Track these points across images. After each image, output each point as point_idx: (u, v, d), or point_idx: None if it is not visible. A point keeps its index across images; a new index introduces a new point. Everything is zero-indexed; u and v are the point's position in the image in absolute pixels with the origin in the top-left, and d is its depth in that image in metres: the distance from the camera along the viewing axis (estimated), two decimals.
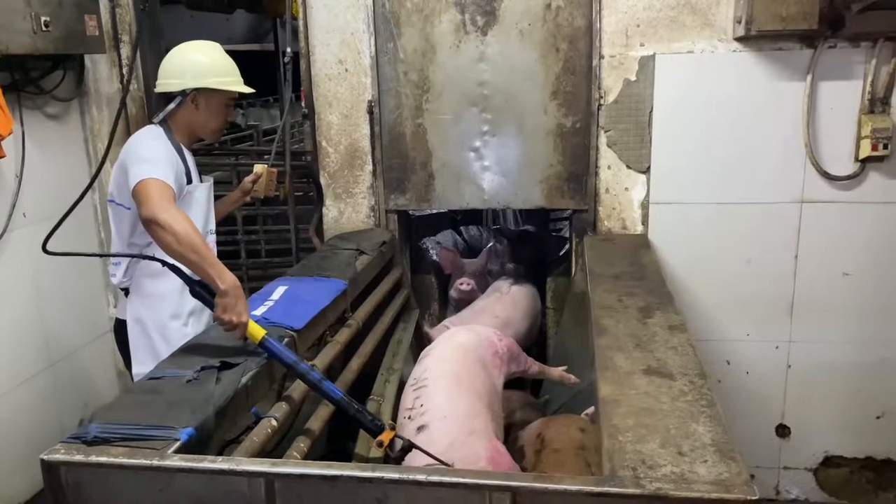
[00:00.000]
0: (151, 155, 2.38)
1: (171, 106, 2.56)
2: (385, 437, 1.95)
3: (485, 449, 2.09)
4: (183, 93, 2.56)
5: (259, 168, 3.02)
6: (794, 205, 3.35)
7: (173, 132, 2.60)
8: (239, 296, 2.04)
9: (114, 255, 2.63)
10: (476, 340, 2.70)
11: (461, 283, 4.01)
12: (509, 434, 2.72)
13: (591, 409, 2.71)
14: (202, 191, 2.69)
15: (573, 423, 2.55)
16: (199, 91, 2.56)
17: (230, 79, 2.62)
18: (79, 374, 3.70)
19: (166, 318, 2.61)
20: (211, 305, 2.06)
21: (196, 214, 2.58)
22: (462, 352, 2.59)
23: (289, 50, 3.49)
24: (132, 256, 2.52)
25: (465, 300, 3.99)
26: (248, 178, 3.01)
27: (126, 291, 2.67)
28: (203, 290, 2.07)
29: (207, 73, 2.56)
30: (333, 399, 2.00)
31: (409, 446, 1.97)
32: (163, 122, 2.60)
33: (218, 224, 2.86)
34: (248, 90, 2.66)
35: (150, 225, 2.16)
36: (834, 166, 3.29)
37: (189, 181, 2.60)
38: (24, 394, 3.35)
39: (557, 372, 2.96)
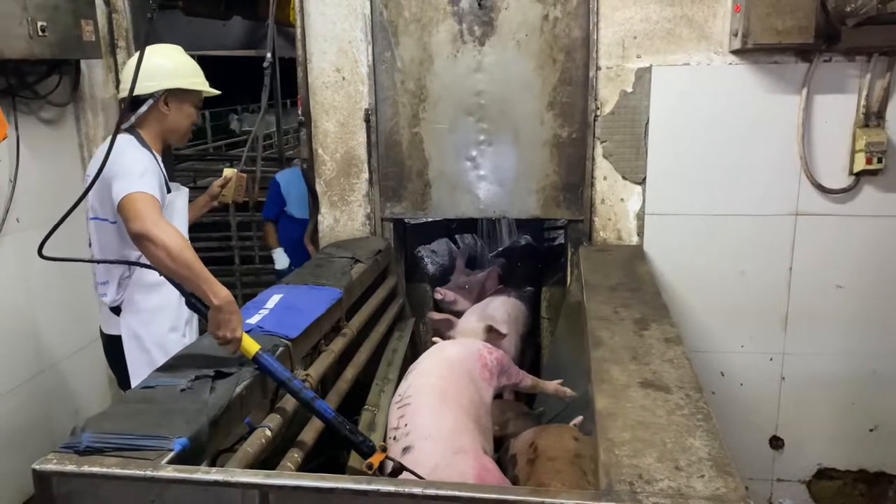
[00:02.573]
0: (135, 167, 2.30)
1: (143, 109, 2.50)
2: (375, 459, 1.91)
3: (472, 468, 2.06)
4: (153, 95, 2.50)
5: (228, 172, 3.00)
6: (789, 217, 3.36)
7: (145, 140, 2.52)
8: (233, 311, 2.00)
9: (111, 262, 2.55)
10: (464, 353, 2.68)
11: (436, 292, 3.99)
12: (502, 444, 2.71)
13: (579, 419, 2.71)
14: (182, 198, 2.66)
15: (566, 431, 2.55)
16: (170, 93, 2.52)
17: (199, 80, 2.59)
18: (70, 381, 3.67)
19: (164, 331, 2.55)
20: (205, 318, 2.03)
21: (178, 223, 2.54)
22: (447, 366, 2.56)
23: (268, 55, 3.45)
24: (129, 264, 2.45)
25: (447, 310, 4.00)
26: (217, 182, 2.98)
27: (115, 310, 2.59)
28: (199, 303, 2.04)
29: (178, 73, 2.52)
30: (326, 418, 1.97)
31: (400, 469, 1.95)
32: (132, 131, 2.52)
33: (190, 230, 2.78)
34: (214, 91, 2.64)
35: (141, 241, 2.10)
36: (828, 179, 3.31)
37: (168, 190, 2.55)
38: (14, 400, 3.32)
39: (552, 385, 2.92)
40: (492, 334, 3.25)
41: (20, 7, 2.95)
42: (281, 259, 4.38)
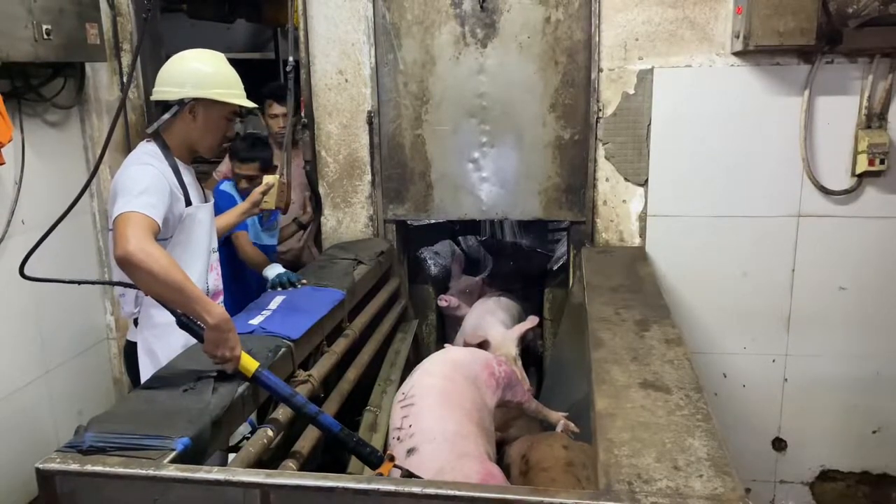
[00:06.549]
0: (134, 185, 2.15)
1: (167, 116, 2.33)
2: (385, 469, 1.91)
3: (477, 472, 2.07)
4: (181, 102, 2.32)
5: (270, 178, 2.86)
6: (791, 218, 3.36)
7: (170, 148, 2.37)
8: (229, 328, 1.95)
9: (91, 283, 2.42)
10: (470, 358, 2.69)
11: (440, 300, 4.00)
12: (502, 446, 2.72)
13: (561, 425, 2.73)
14: (205, 211, 2.46)
15: (555, 440, 2.56)
16: (198, 102, 2.33)
17: (233, 91, 2.40)
18: (74, 382, 3.68)
19: (178, 347, 2.40)
20: (199, 337, 1.98)
21: (200, 237, 2.42)
22: (451, 367, 2.56)
23: (291, 59, 3.41)
24: (112, 284, 2.35)
25: (451, 315, 4.02)
26: (259, 189, 2.84)
27: (135, 321, 2.48)
28: (190, 322, 1.98)
29: (209, 83, 2.34)
30: (332, 432, 1.95)
31: (409, 476, 1.95)
32: (158, 137, 2.37)
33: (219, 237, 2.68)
34: (250, 105, 2.47)
35: (123, 265, 1.95)
36: (831, 181, 3.30)
37: (189, 203, 2.37)
38: (18, 400, 3.33)
39: (557, 416, 2.87)
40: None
41: (25, 10, 2.97)
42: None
